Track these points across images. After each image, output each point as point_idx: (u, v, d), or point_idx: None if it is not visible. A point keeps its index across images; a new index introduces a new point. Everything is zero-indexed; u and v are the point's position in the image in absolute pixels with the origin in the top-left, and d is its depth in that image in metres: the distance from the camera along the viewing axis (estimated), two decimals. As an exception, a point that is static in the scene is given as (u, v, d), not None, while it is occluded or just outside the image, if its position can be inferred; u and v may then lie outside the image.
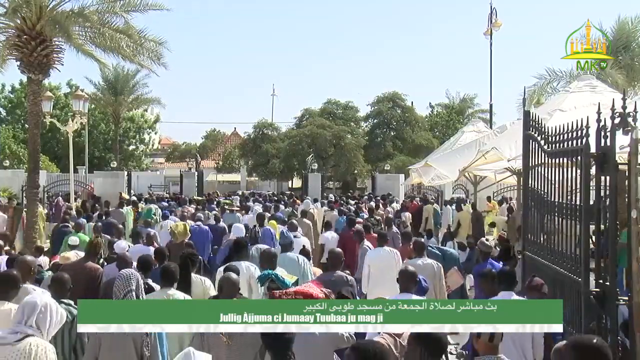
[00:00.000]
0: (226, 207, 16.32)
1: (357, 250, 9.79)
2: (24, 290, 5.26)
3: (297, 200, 20.68)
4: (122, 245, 8.60)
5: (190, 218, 13.54)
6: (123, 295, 4.78)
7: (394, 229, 12.35)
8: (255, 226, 11.29)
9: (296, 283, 6.17)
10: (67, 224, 12.23)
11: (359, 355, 2.31)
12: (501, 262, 9.18)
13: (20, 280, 5.03)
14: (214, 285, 6.52)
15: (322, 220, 15.28)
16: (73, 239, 9.45)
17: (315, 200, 19.86)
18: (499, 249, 12.37)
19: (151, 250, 8.43)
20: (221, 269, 6.74)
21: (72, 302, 5.16)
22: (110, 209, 15.93)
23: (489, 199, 20.47)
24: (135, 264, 6.65)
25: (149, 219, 13.43)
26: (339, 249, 7.73)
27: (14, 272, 5.19)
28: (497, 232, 14.57)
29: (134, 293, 4.81)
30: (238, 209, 16.47)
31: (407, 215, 16.93)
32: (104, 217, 13.53)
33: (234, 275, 5.41)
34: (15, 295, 4.84)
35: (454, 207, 18.13)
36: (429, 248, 9.05)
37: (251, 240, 9.33)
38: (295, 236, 9.75)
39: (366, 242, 9.74)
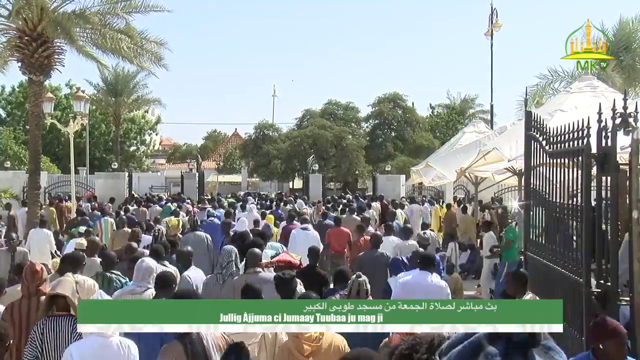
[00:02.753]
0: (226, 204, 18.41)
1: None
2: (93, 262, 7.52)
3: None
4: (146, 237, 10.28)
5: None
6: (226, 263, 6.64)
7: None
8: (195, 216, 13.17)
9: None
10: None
11: None
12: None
13: (84, 259, 6.74)
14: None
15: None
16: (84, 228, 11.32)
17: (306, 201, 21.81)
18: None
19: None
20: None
21: (119, 273, 6.83)
22: (132, 207, 17.77)
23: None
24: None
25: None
26: (379, 233, 9.53)
27: (81, 253, 7.11)
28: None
29: (233, 262, 6.68)
30: (210, 206, 18.20)
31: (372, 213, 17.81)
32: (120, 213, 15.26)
33: (256, 250, 6.83)
34: (82, 269, 6.35)
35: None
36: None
37: (191, 229, 10.77)
38: (306, 228, 10.99)
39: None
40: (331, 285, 6.72)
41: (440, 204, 21.17)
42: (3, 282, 6.00)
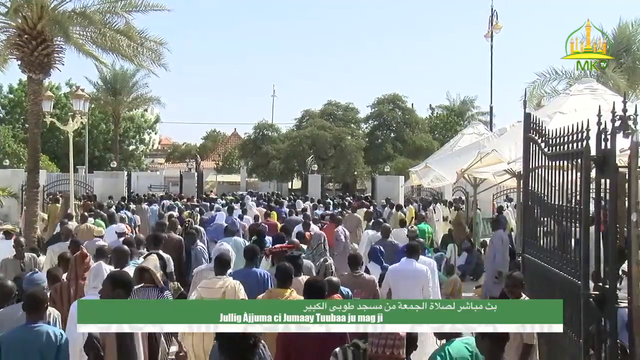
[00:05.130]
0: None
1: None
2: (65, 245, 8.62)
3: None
4: None
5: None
6: (316, 245, 9.11)
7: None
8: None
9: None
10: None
11: None
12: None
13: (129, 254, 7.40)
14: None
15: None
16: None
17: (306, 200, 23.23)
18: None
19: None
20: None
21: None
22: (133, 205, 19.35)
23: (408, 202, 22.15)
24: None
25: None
26: (388, 225, 11.22)
27: (126, 247, 7.48)
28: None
29: (322, 245, 9.26)
30: (197, 204, 20.71)
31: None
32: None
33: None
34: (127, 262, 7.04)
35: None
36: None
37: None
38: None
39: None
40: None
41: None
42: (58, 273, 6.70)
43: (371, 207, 18.93)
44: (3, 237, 10.85)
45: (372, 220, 13.57)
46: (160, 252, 8.22)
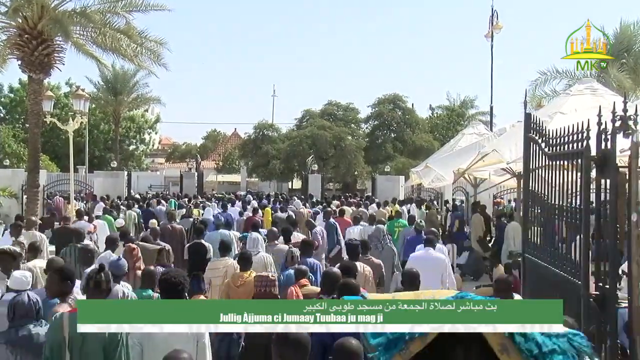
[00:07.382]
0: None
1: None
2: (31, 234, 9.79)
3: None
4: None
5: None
6: (382, 236, 10.17)
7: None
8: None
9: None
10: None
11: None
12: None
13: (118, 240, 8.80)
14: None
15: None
16: (119, 221, 13.99)
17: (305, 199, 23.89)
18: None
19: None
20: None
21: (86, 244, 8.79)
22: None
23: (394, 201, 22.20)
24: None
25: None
26: (374, 214, 13.31)
27: (116, 235, 9.18)
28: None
29: (386, 236, 10.45)
30: (203, 201, 21.95)
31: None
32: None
33: (274, 229, 10.10)
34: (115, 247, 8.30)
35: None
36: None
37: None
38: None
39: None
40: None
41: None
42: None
43: (362, 207, 19.11)
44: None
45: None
46: (203, 241, 9.69)
